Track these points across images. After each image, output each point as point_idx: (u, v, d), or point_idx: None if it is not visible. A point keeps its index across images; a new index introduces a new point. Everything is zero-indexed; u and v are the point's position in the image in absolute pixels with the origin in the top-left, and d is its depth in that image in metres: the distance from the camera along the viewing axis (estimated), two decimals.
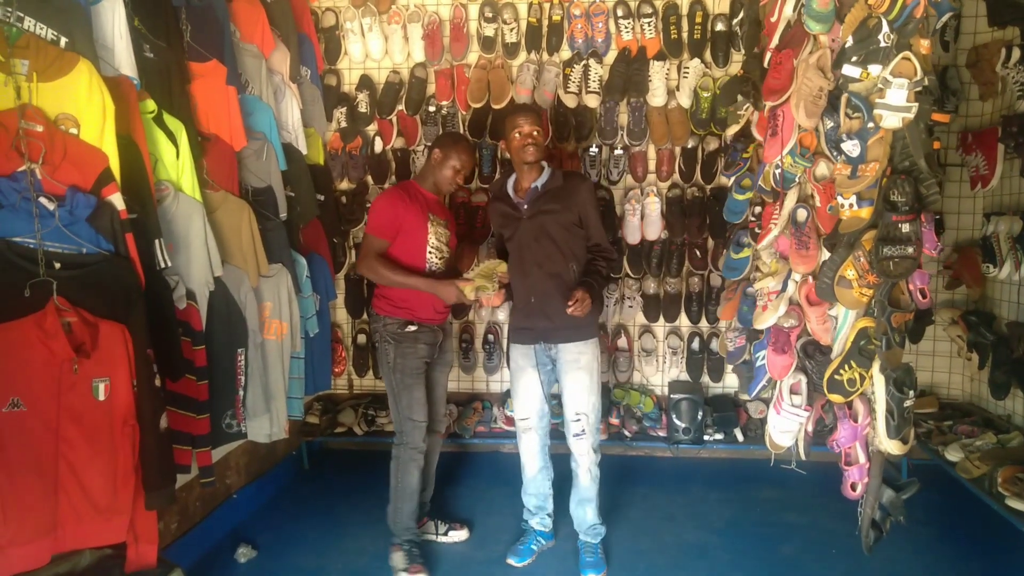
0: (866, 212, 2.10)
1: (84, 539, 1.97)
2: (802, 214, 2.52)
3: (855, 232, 2.18)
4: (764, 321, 2.66)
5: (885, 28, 1.97)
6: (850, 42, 2.06)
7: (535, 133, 2.82)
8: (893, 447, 2.22)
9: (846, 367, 2.30)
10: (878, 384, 2.23)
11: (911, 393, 2.22)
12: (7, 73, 1.75)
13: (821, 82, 2.30)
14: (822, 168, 2.45)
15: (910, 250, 2.05)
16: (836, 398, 2.34)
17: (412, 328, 2.84)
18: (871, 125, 2.01)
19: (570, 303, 2.62)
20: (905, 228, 2.06)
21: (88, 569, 2.05)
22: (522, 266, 2.84)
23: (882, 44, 1.98)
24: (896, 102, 1.96)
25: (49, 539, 1.88)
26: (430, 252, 2.88)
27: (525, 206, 2.83)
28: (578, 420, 2.82)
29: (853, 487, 2.40)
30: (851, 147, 2.05)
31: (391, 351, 2.86)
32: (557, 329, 2.80)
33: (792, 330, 2.56)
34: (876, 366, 2.23)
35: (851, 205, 2.12)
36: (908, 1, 1.95)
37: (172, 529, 2.78)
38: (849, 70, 2.06)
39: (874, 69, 2.00)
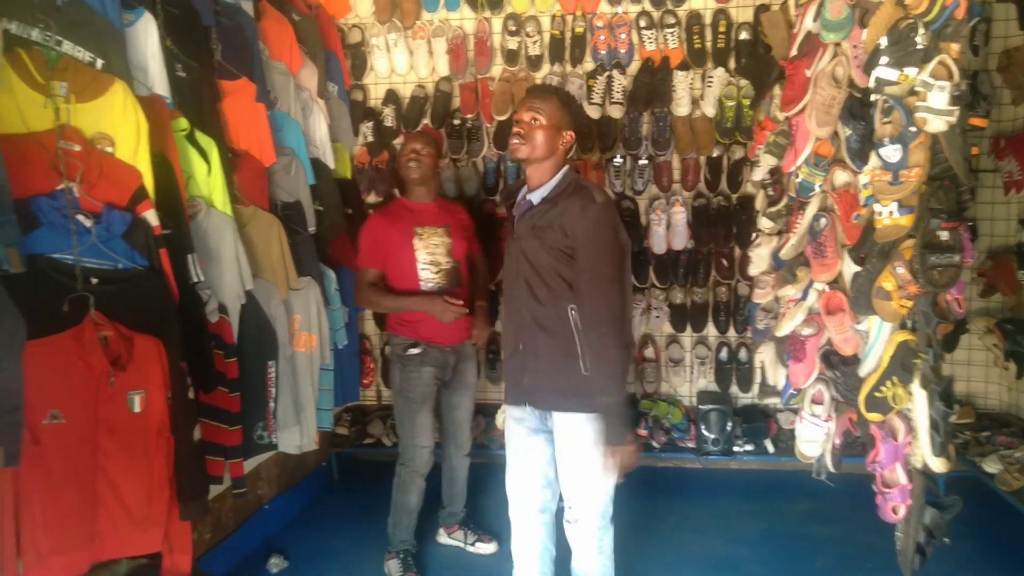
0: (907, 220, 2.03)
1: (121, 549, 2.00)
2: (820, 223, 2.50)
3: (891, 241, 2.11)
4: (782, 329, 2.65)
5: (920, 30, 1.94)
6: (884, 43, 2.02)
7: (534, 120, 2.16)
8: (939, 464, 2.11)
9: (888, 383, 2.19)
10: (919, 399, 2.13)
11: (956, 407, 2.12)
12: (47, 95, 1.81)
13: (833, 91, 2.30)
14: (840, 176, 2.43)
15: (956, 258, 2.00)
16: (875, 417, 2.24)
17: (415, 351, 2.79)
18: (912, 129, 1.96)
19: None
20: (945, 236, 2.01)
21: None
22: (510, 302, 2.28)
23: (919, 46, 1.95)
24: (938, 105, 1.90)
25: (88, 549, 1.92)
26: (422, 269, 2.80)
27: (517, 221, 2.27)
28: (571, 508, 2.27)
29: (895, 510, 2.28)
30: (891, 152, 1.99)
31: (397, 374, 2.85)
32: (543, 391, 2.21)
33: (809, 339, 2.54)
34: (916, 380, 2.14)
35: (891, 213, 2.05)
36: (948, 2, 1.90)
37: (205, 539, 2.81)
38: (884, 72, 2.00)
39: (911, 72, 1.96)
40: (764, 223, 3.02)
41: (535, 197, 2.21)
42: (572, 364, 2.14)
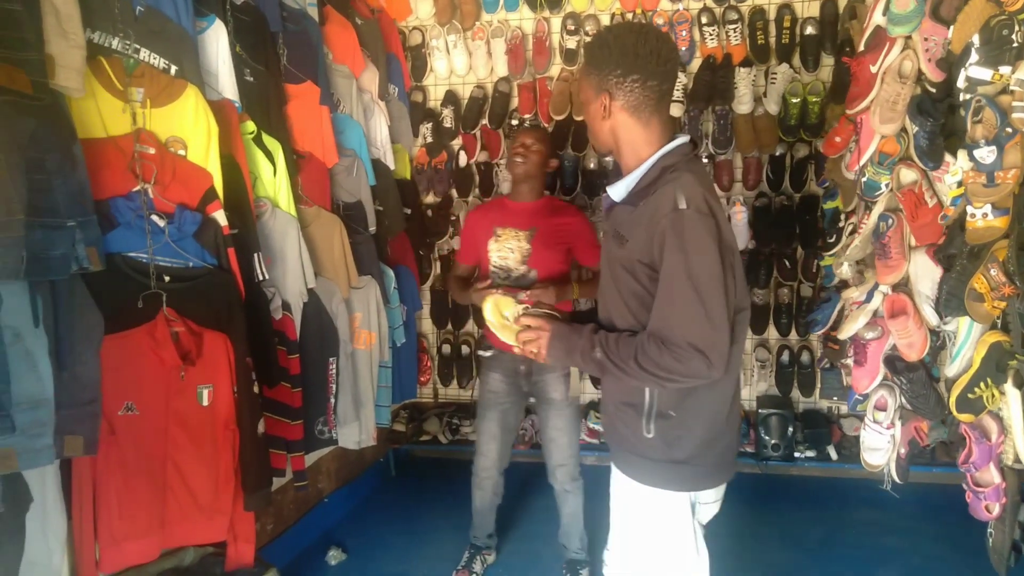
0: (1001, 221, 1.97)
1: (189, 536, 2.08)
2: (885, 223, 2.44)
3: (984, 243, 2.06)
4: (845, 332, 2.60)
5: (1016, 27, 1.87)
6: (976, 42, 1.96)
7: (585, 100, 1.70)
8: None
9: (982, 384, 2.15)
10: (1012, 398, 2.11)
11: None
12: (125, 101, 1.89)
13: (898, 87, 2.23)
14: (906, 175, 2.36)
15: None
16: (967, 417, 2.21)
17: (484, 354, 2.76)
18: (1009, 130, 1.89)
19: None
20: None
21: (192, 565, 2.17)
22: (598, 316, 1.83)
23: (1014, 44, 1.88)
24: None
25: (158, 535, 2.00)
26: (492, 271, 2.67)
27: (603, 221, 1.87)
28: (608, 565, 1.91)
29: (989, 509, 2.27)
30: (986, 154, 1.94)
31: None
32: (609, 438, 1.85)
33: (871, 342, 2.48)
34: (1010, 380, 2.11)
35: (984, 215, 1.99)
36: None
37: (268, 530, 2.90)
38: (977, 72, 1.94)
39: (1005, 70, 1.89)
40: None
41: (617, 192, 1.69)
42: (632, 420, 1.68)
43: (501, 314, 1.93)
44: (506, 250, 2.67)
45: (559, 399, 2.66)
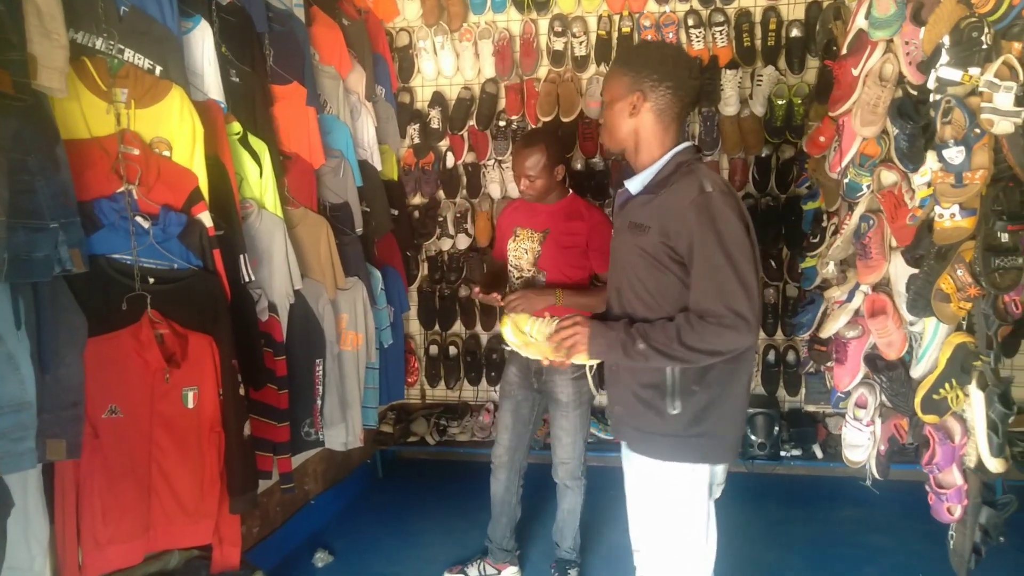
0: (968, 222, 2.00)
1: (174, 540, 2.07)
2: (865, 223, 2.47)
3: (950, 243, 2.08)
4: (827, 331, 2.64)
5: (985, 28, 1.90)
6: (947, 43, 1.99)
7: (603, 103, 1.87)
8: (997, 465, 2.10)
9: (947, 386, 2.17)
10: (976, 400, 2.12)
11: (1015, 408, 2.11)
12: (109, 101, 1.87)
13: (878, 91, 2.26)
14: (887, 177, 2.39)
15: (1019, 260, 1.97)
16: (931, 419, 2.22)
17: (506, 347, 2.73)
18: (977, 131, 1.92)
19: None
20: (1007, 238, 1.98)
21: (177, 569, 2.16)
22: (608, 311, 1.94)
23: (983, 46, 1.91)
24: (1005, 106, 1.84)
25: (143, 539, 1.99)
26: (510, 270, 2.73)
27: (615, 213, 1.95)
28: (638, 552, 1.99)
29: (950, 511, 2.27)
30: (954, 154, 1.95)
31: None
32: (626, 426, 1.88)
33: (851, 341, 2.51)
34: (974, 382, 2.13)
35: (952, 215, 2.02)
36: (1016, 1, 1.84)
37: (254, 533, 2.88)
38: (947, 72, 1.96)
39: (974, 72, 1.92)
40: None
41: (634, 184, 1.81)
42: (656, 400, 1.76)
43: (521, 331, 1.97)
44: (521, 251, 2.70)
45: (565, 401, 2.68)
